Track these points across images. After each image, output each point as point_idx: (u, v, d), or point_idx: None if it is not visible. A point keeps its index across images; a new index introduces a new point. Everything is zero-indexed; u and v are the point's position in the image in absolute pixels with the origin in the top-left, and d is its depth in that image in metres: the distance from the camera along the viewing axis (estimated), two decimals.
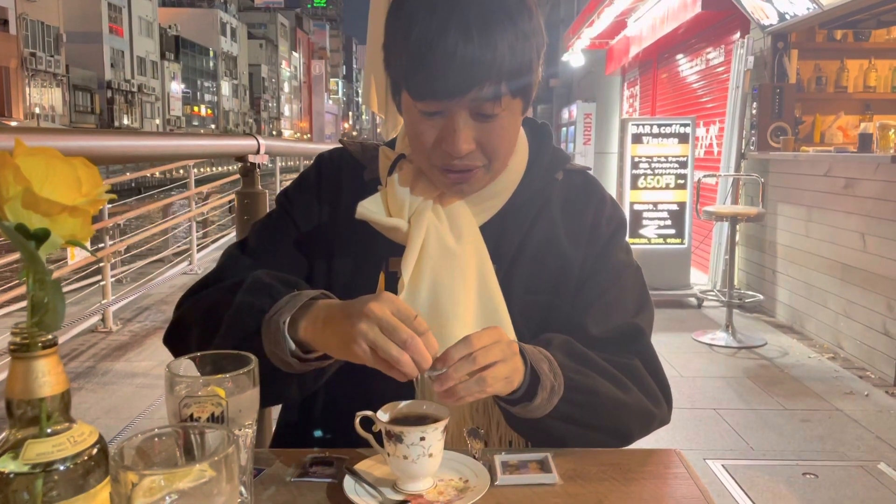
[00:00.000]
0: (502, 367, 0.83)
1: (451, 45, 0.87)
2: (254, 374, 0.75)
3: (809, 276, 4.68)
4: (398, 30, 0.92)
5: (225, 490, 0.54)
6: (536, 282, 1.04)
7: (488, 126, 0.94)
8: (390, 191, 1.01)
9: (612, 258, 1.07)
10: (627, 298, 1.05)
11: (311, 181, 1.11)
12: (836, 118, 5.59)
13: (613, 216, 1.10)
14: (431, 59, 0.88)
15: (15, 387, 0.56)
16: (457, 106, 0.91)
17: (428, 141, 0.95)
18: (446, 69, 0.88)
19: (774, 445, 3.01)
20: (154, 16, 50.70)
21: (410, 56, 0.90)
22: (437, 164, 0.97)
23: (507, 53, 0.89)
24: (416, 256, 0.98)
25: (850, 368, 4.03)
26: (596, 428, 0.95)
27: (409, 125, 0.98)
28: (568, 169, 1.10)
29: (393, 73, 0.96)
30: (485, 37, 0.87)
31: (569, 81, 14.77)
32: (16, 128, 2.01)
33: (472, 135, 0.93)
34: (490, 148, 0.96)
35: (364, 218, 1.00)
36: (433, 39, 0.87)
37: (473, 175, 0.98)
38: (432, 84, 0.89)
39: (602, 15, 9.12)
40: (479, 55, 0.87)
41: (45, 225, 0.57)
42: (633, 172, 5.82)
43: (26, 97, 34.14)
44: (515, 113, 0.97)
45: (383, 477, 0.85)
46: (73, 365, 4.01)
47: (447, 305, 0.97)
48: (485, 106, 0.91)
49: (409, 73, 0.91)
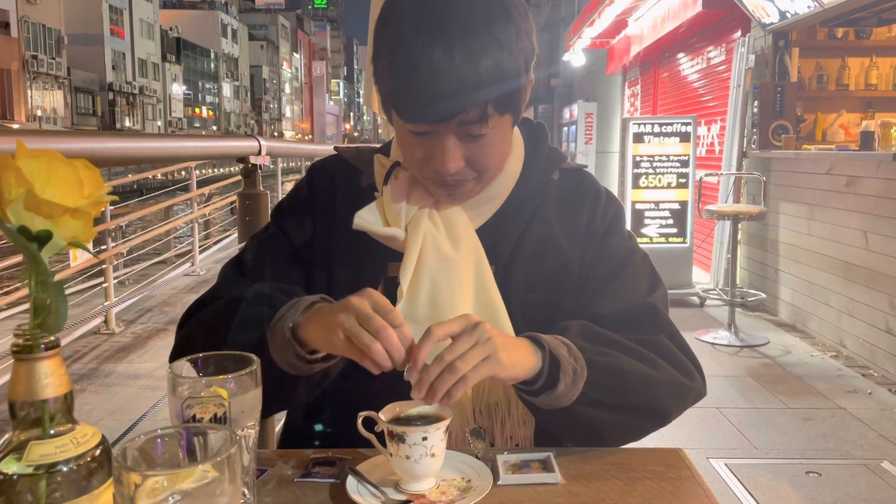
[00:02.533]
0: (476, 351, 0.81)
1: (436, 68, 0.86)
2: (256, 375, 0.75)
3: (812, 274, 4.68)
4: (385, 45, 0.91)
5: (227, 491, 0.54)
6: (535, 280, 1.04)
7: (477, 145, 0.94)
8: (386, 200, 1.02)
9: (610, 247, 1.06)
10: (639, 281, 1.04)
11: (304, 194, 1.12)
12: (838, 116, 5.58)
13: (608, 209, 1.09)
14: (416, 80, 0.87)
15: (18, 388, 0.56)
16: (443, 128, 0.92)
17: (418, 157, 0.96)
18: (431, 94, 0.87)
19: (777, 444, 3.01)
20: (155, 18, 50.75)
21: (396, 76, 0.90)
22: (429, 177, 0.98)
23: (492, 75, 0.87)
24: (414, 264, 0.99)
25: (852, 367, 4.02)
26: (630, 409, 0.93)
27: (400, 140, 1.00)
28: (564, 168, 1.10)
29: (381, 89, 0.96)
30: (470, 60, 0.86)
31: (570, 81, 14.77)
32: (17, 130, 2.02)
33: (460, 154, 0.94)
34: (479, 164, 0.96)
35: (361, 228, 1.01)
36: (418, 60, 0.86)
37: (464, 186, 0.99)
38: (418, 107, 0.90)
39: (603, 14, 9.12)
40: (463, 78, 0.86)
41: (48, 227, 0.57)
42: (635, 172, 5.81)
43: (28, 99, 34.20)
44: (505, 128, 0.96)
45: (386, 477, 0.85)
46: (76, 366, 4.02)
47: (446, 312, 0.97)
48: (472, 128, 0.92)
49: (394, 93, 0.92)
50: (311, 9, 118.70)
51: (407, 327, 0.83)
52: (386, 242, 1.02)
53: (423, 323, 0.96)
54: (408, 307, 0.98)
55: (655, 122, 5.97)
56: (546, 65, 18.10)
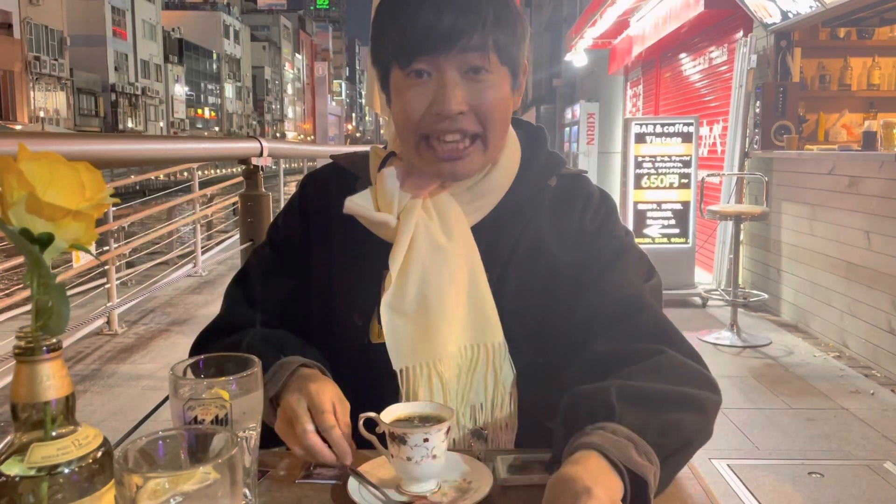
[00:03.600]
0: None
1: (439, 3, 0.91)
2: (257, 377, 0.76)
3: (814, 274, 4.67)
4: (384, 9, 0.97)
5: (229, 492, 0.54)
6: (527, 286, 1.02)
7: (478, 87, 0.95)
8: (380, 186, 1.02)
9: (600, 247, 1.02)
10: (630, 276, 0.99)
11: (296, 207, 1.13)
12: (840, 116, 5.57)
13: (599, 209, 1.05)
14: (419, 16, 0.91)
15: (20, 390, 0.56)
16: (445, 62, 0.93)
17: (418, 108, 0.95)
18: (434, 23, 0.91)
19: (780, 445, 3.01)
20: (157, 19, 50.78)
21: (398, 23, 0.94)
22: (429, 131, 0.96)
23: (491, 12, 0.93)
24: (405, 251, 0.98)
25: (855, 367, 4.02)
26: (690, 448, 0.84)
27: (398, 103, 0.98)
28: (563, 174, 1.07)
29: (381, 56, 0.99)
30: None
31: (572, 81, 14.76)
32: (19, 132, 2.02)
33: (463, 95, 0.94)
34: (482, 111, 0.95)
35: (352, 213, 1.00)
36: (419, 4, 0.92)
37: (468, 152, 0.97)
38: (421, 39, 0.92)
39: (605, 14, 9.12)
40: (465, 8, 0.91)
41: (49, 229, 0.57)
42: (637, 172, 5.81)
43: (31, 101, 34.24)
44: (504, 80, 0.98)
45: (387, 478, 0.85)
46: (78, 367, 4.02)
47: (435, 302, 0.97)
48: (473, 58, 0.93)
49: (397, 41, 0.94)
50: (312, 10, 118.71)
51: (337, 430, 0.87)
52: (376, 230, 1.01)
53: (410, 314, 0.96)
54: (396, 294, 0.97)
55: (657, 122, 5.97)
56: (548, 65, 18.10)
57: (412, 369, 0.96)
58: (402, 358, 0.97)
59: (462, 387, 0.98)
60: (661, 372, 0.87)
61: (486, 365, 0.99)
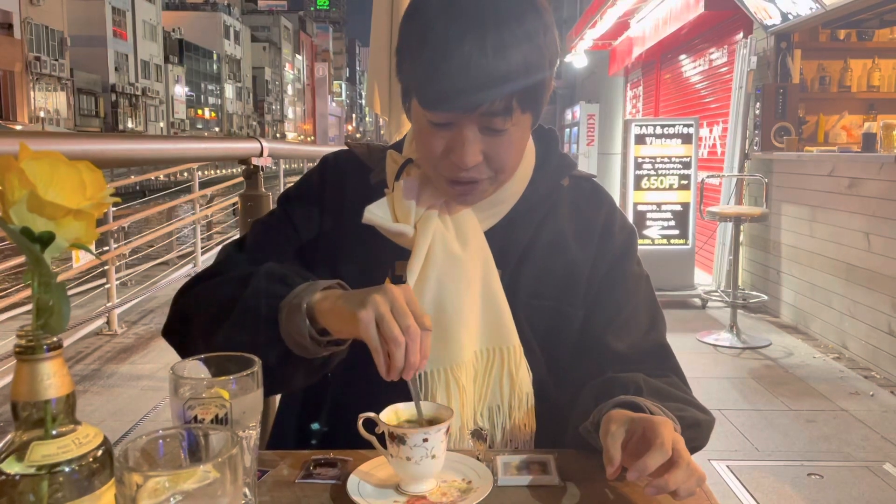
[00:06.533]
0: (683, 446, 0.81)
1: (466, 58, 0.85)
2: (257, 376, 0.76)
3: (814, 276, 4.68)
4: (413, 35, 0.91)
5: (229, 491, 0.55)
6: (542, 287, 1.03)
7: (497, 140, 0.93)
8: (397, 196, 1.01)
9: (627, 270, 1.08)
10: (642, 311, 1.06)
11: (314, 186, 1.10)
12: (840, 118, 5.57)
13: (626, 224, 1.11)
14: (445, 69, 0.87)
15: (20, 389, 0.56)
16: (466, 119, 0.91)
17: (436, 151, 0.95)
18: (459, 82, 0.86)
19: (779, 446, 3.01)
20: (158, 19, 50.79)
21: (423, 65, 0.89)
22: (444, 174, 0.97)
23: (521, 70, 0.88)
24: (422, 262, 0.98)
25: (855, 368, 4.02)
26: (692, 445, 0.89)
27: (418, 133, 0.98)
28: (575, 175, 1.10)
29: (405, 78, 0.95)
30: (500, 52, 0.86)
31: (572, 82, 14.76)
32: (20, 132, 2.02)
33: (479, 148, 0.93)
34: (497, 162, 0.95)
35: (370, 223, 0.99)
36: (448, 50, 0.86)
37: (478, 187, 0.98)
38: (443, 96, 0.89)
39: (605, 16, 9.12)
40: (493, 70, 0.86)
41: (50, 228, 0.57)
42: (637, 173, 5.81)
43: (31, 101, 34.25)
44: (525, 127, 0.96)
45: (386, 478, 0.85)
46: (78, 367, 4.02)
47: (451, 311, 0.97)
48: (495, 121, 0.91)
49: (420, 82, 0.91)
50: (313, 10, 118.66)
51: (430, 336, 0.82)
52: (394, 239, 1.01)
53: None
54: None
55: (657, 123, 5.97)
56: None
57: (429, 375, 0.97)
58: None
59: (479, 390, 0.99)
60: (672, 385, 0.99)
61: (501, 368, 1.00)
